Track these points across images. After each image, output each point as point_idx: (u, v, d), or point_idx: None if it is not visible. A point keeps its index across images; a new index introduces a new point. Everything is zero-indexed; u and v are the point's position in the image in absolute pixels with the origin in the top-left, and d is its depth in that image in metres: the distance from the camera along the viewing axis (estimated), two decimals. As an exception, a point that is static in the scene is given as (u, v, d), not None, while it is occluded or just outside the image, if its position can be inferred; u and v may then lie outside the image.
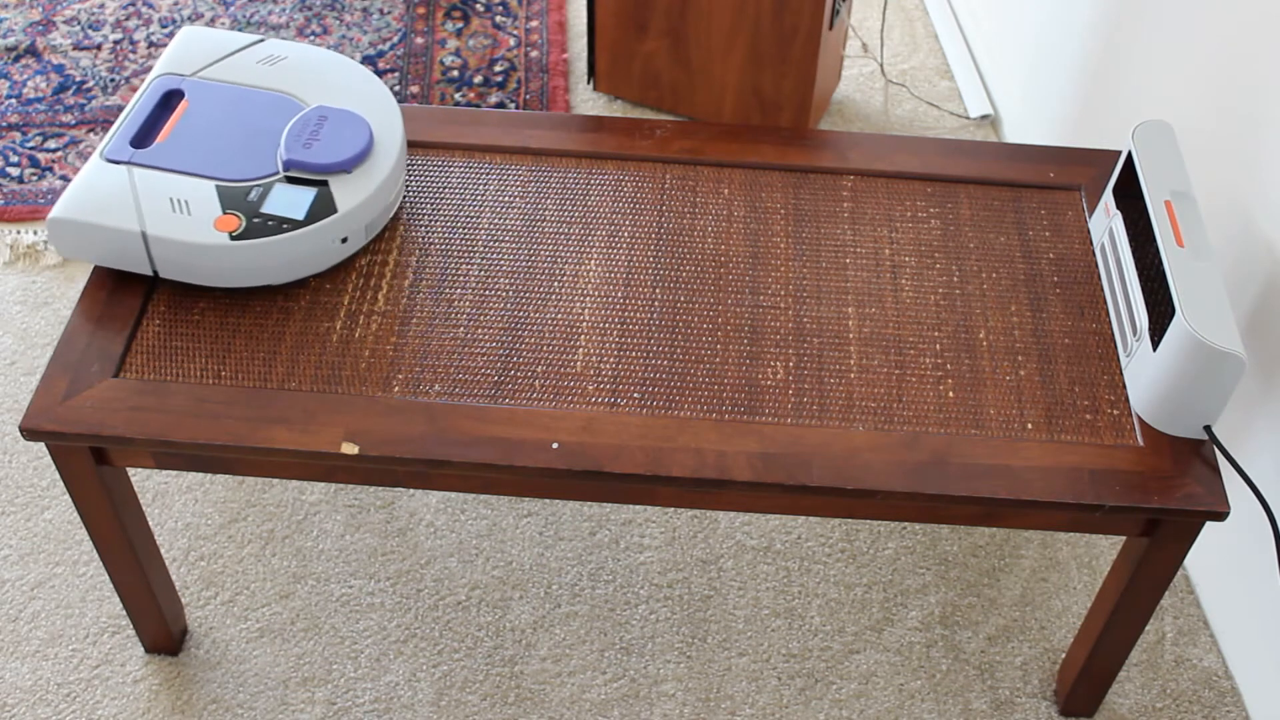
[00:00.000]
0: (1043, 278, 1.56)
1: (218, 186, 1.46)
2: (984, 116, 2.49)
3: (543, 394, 1.41)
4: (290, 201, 1.44)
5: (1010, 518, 1.41)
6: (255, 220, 1.43)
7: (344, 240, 1.47)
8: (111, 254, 1.45)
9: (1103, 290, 1.54)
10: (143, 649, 1.69)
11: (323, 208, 1.45)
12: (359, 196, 1.47)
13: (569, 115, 1.72)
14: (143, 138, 1.50)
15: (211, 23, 2.63)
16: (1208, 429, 1.38)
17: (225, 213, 1.43)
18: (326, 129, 1.50)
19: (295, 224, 1.43)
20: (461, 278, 1.52)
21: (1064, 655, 1.70)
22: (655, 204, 1.62)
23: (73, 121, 2.41)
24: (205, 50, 1.60)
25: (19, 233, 2.20)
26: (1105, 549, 1.84)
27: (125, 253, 1.44)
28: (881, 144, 1.70)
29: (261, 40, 1.58)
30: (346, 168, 1.47)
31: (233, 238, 1.41)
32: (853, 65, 2.60)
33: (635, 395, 1.42)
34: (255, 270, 1.44)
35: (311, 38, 2.60)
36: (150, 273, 1.46)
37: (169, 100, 1.54)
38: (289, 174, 1.48)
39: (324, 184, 1.47)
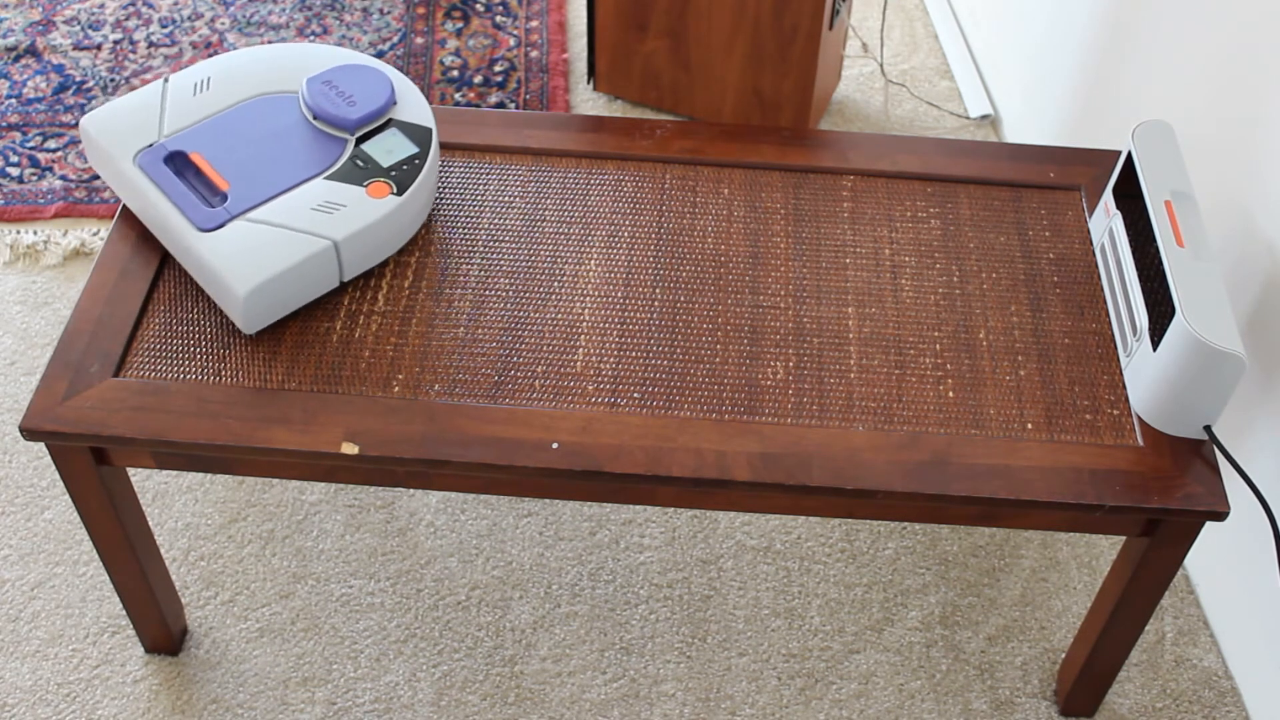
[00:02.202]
0: (1043, 278, 1.56)
1: (327, 179, 1.47)
2: (984, 116, 2.49)
3: (543, 394, 1.41)
4: (391, 147, 1.50)
5: (1010, 518, 1.41)
6: (393, 174, 1.47)
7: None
8: (305, 288, 1.43)
9: (1103, 290, 1.54)
10: (143, 649, 1.69)
11: (417, 134, 1.52)
12: (423, 107, 1.55)
13: (569, 115, 1.72)
14: (209, 199, 1.45)
15: (212, 23, 2.63)
16: (1208, 429, 1.38)
17: (366, 185, 1.45)
18: (343, 86, 1.53)
19: (420, 155, 1.50)
20: (461, 278, 1.52)
21: (1064, 655, 1.70)
22: (655, 204, 1.62)
23: (73, 121, 2.41)
24: (136, 119, 1.51)
25: (19, 233, 2.20)
26: (1105, 549, 1.84)
27: (318, 278, 1.44)
28: (881, 144, 1.70)
29: (163, 80, 1.52)
30: (394, 99, 1.54)
31: (396, 195, 1.46)
32: (853, 65, 2.60)
33: (635, 395, 1.42)
34: (419, 212, 1.51)
35: (311, 38, 2.60)
36: (337, 284, 1.47)
37: (177, 164, 1.48)
38: (359, 134, 1.52)
39: (390, 121, 1.53)
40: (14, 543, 1.80)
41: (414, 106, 1.55)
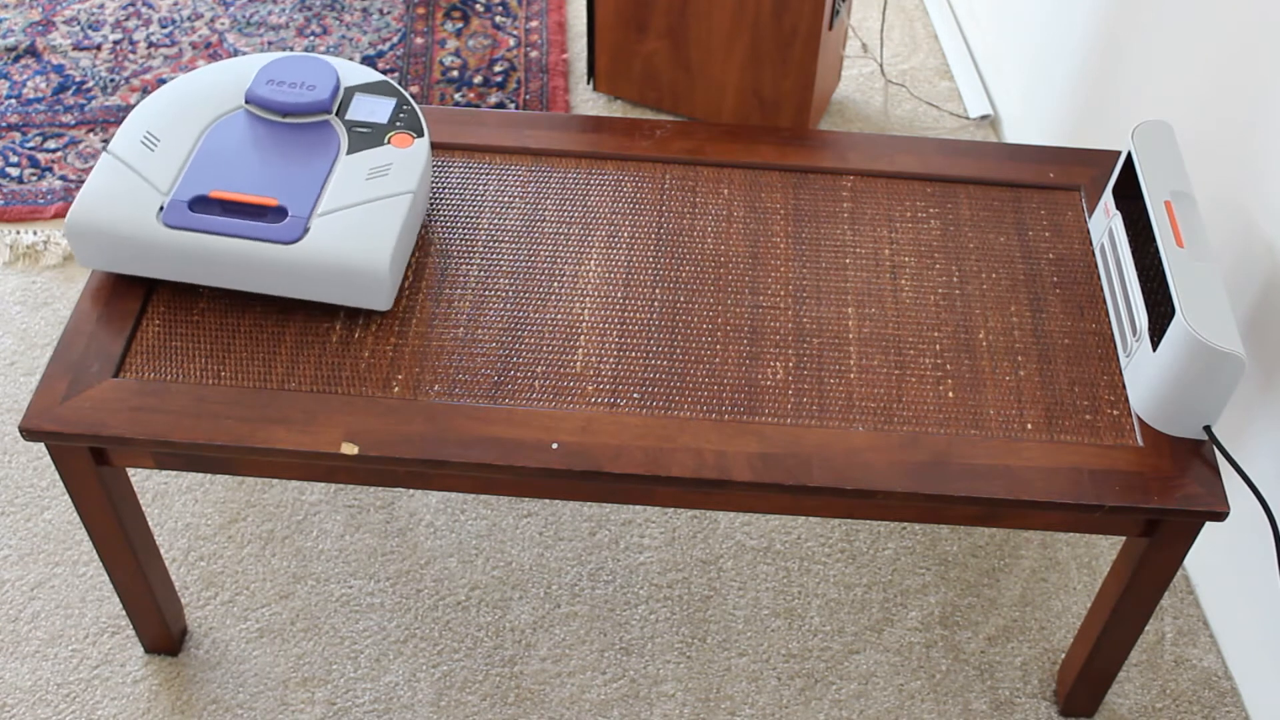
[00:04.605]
0: (1042, 278, 1.56)
1: (350, 155, 1.50)
2: (984, 116, 2.49)
3: (542, 394, 1.41)
4: (373, 108, 1.57)
5: (1010, 518, 1.41)
6: (399, 124, 1.54)
7: None
8: (409, 247, 1.50)
9: (1102, 290, 1.54)
10: (143, 649, 1.69)
11: (381, 88, 1.59)
12: (358, 68, 1.62)
13: (569, 115, 1.72)
14: (260, 216, 1.44)
15: (211, 23, 2.63)
16: (1207, 429, 1.38)
17: (388, 142, 1.51)
18: (290, 79, 1.56)
19: (403, 101, 1.57)
20: (461, 278, 1.52)
21: (1064, 655, 1.70)
22: (655, 204, 1.62)
23: (73, 122, 2.41)
24: (126, 193, 1.46)
25: (19, 233, 2.20)
26: (1105, 549, 1.84)
27: (413, 232, 1.51)
28: (881, 144, 1.70)
29: (107, 155, 1.50)
30: (336, 71, 1.60)
31: (420, 136, 1.54)
32: (853, 65, 2.60)
33: (635, 395, 1.42)
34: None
35: (311, 38, 2.60)
36: (417, 236, 1.54)
37: (201, 207, 1.46)
38: (338, 112, 1.56)
39: (349, 89, 1.58)
40: (14, 543, 1.80)
41: (353, 71, 1.61)
